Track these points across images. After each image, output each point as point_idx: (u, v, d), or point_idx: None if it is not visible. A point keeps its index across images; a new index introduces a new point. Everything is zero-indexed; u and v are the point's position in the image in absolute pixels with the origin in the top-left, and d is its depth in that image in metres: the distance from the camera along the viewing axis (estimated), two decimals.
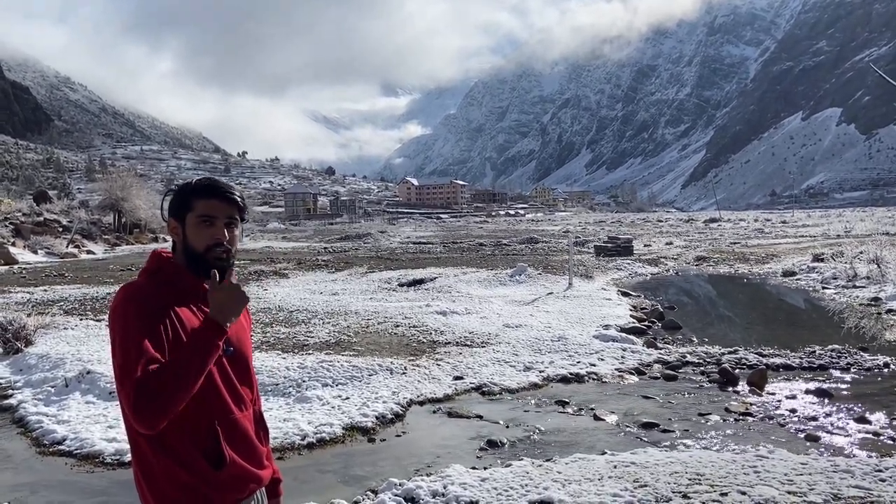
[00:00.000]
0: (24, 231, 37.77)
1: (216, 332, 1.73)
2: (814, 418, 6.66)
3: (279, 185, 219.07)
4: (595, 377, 8.49)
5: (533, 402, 7.49)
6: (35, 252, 33.68)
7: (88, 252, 37.15)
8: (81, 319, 12.51)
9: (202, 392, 1.79)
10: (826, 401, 7.28)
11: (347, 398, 7.29)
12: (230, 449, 1.82)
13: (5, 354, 9.83)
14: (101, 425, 6.46)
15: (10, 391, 8.12)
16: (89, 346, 9.86)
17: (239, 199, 1.94)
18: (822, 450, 5.78)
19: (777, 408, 7.07)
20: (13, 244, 33.34)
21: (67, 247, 36.18)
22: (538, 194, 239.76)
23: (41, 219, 42.89)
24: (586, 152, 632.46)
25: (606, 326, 11.66)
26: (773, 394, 7.62)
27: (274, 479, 2.10)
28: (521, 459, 5.54)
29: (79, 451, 5.96)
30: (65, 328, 11.57)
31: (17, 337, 9.93)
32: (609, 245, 29.08)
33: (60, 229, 41.45)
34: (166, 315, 1.78)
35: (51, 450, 6.14)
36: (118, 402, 1.77)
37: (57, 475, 5.62)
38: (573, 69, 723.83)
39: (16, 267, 27.24)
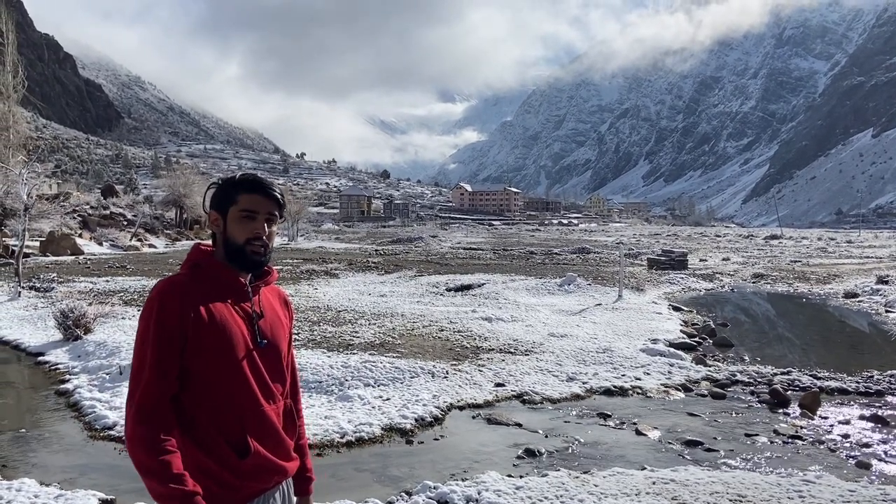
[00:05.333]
0: (90, 223, 39.33)
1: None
2: (867, 445, 6.40)
3: (335, 186, 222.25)
4: (640, 391, 8.34)
5: (574, 413, 7.40)
6: (100, 243, 35.01)
7: (150, 246, 38.41)
8: (139, 310, 12.92)
9: (231, 384, 1.85)
10: (881, 427, 6.98)
11: (388, 399, 7.35)
12: (256, 440, 1.87)
13: (65, 340, 10.26)
14: None
15: (68, 376, 8.48)
16: None
17: (280, 197, 2.00)
18: (874, 477, 5.56)
19: (829, 432, 6.82)
20: (80, 235, 34.76)
21: (131, 240, 37.48)
22: (593, 204, 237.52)
23: (107, 212, 44.55)
24: (644, 163, 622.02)
25: (655, 340, 11.45)
26: (826, 418, 7.35)
27: (305, 477, 2.13)
28: (558, 470, 5.48)
29: None
30: (123, 318, 11.99)
31: (78, 324, 10.34)
32: (663, 258, 28.53)
33: (125, 223, 43.01)
34: (197, 311, 1.83)
35: (101, 434, 6.37)
36: None
37: (105, 459, 5.84)
38: (633, 79, 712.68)
39: (81, 257, 28.37)
